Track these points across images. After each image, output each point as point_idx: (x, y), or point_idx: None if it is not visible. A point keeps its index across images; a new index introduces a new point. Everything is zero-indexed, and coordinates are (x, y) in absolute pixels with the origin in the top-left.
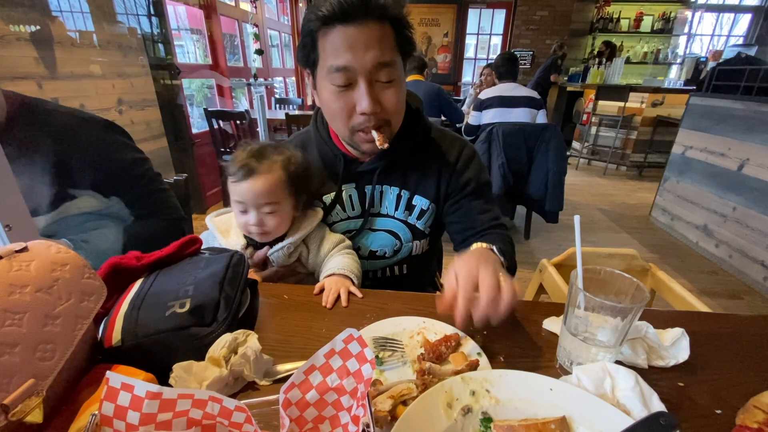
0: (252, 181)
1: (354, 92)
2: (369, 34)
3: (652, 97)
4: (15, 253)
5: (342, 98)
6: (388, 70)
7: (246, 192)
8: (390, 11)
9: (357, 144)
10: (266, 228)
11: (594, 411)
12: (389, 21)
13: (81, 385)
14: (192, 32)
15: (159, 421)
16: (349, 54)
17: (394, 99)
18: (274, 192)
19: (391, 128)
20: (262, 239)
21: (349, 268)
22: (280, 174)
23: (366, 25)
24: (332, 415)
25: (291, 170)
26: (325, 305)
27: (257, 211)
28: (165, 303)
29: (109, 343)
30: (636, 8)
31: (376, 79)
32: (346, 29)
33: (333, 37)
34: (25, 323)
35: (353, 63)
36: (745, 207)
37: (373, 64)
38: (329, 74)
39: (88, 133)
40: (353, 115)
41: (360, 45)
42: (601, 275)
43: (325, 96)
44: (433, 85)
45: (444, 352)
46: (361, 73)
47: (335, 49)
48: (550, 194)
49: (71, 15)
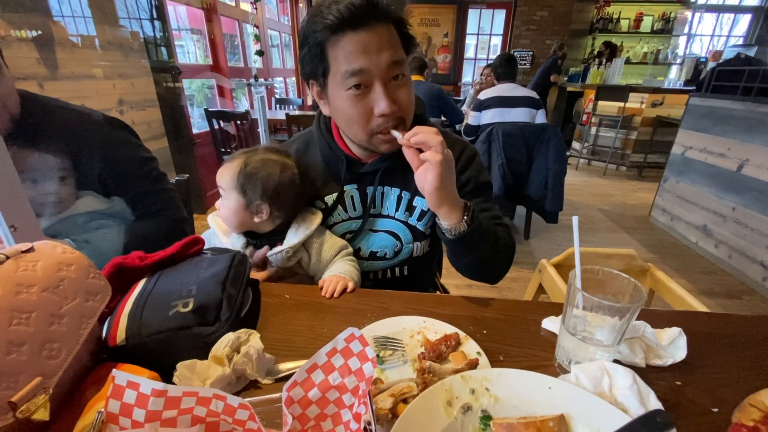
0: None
1: (370, 96)
2: (379, 37)
3: (651, 98)
4: (21, 253)
5: (359, 103)
6: (399, 68)
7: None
8: (394, 13)
9: (376, 146)
10: (219, 213)
11: (592, 409)
12: (392, 21)
13: (86, 383)
14: (192, 32)
15: (164, 419)
16: (364, 57)
17: (407, 96)
18: (222, 178)
19: (405, 125)
20: (225, 225)
21: (350, 275)
22: (235, 168)
23: (374, 28)
24: (334, 413)
25: (246, 170)
26: (324, 295)
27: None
28: (168, 302)
29: (113, 341)
30: (636, 8)
31: (390, 78)
32: (356, 34)
33: (345, 44)
34: (31, 322)
35: (369, 66)
36: (745, 207)
37: (387, 64)
38: (344, 80)
39: (98, 131)
40: (371, 118)
41: (373, 48)
42: (599, 275)
43: (341, 103)
44: (433, 86)
45: (444, 351)
46: (377, 75)
47: (348, 55)
48: (550, 194)
49: (73, 19)
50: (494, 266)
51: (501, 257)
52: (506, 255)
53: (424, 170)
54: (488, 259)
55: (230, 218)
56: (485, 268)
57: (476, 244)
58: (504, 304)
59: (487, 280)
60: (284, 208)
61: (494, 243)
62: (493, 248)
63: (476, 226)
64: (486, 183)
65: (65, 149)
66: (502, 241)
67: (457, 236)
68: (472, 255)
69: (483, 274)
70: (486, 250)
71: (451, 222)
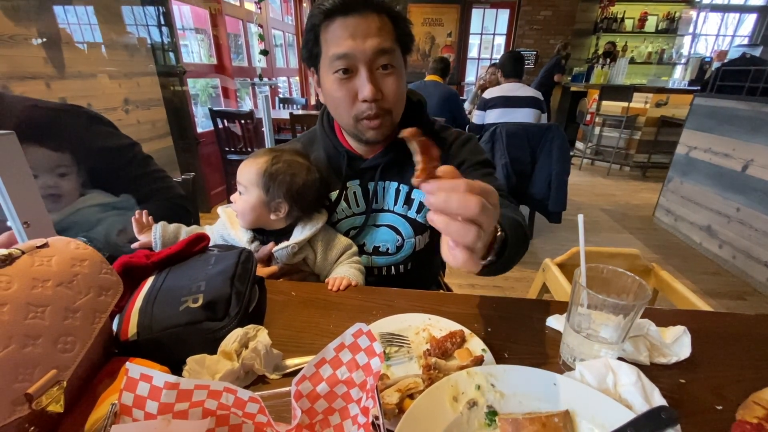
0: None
1: (355, 80)
2: (368, 23)
3: (656, 98)
4: (36, 248)
5: (344, 87)
6: (387, 57)
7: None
8: (386, 4)
9: (361, 132)
10: (235, 206)
11: (596, 405)
12: (386, 13)
13: (99, 377)
14: (197, 32)
15: (176, 411)
16: (350, 41)
17: (394, 87)
18: (245, 174)
19: (392, 118)
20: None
21: (355, 278)
22: (261, 165)
23: (365, 15)
24: (342, 407)
25: (273, 168)
26: (330, 289)
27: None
28: (178, 298)
29: (125, 336)
30: (640, 8)
31: (377, 66)
32: (346, 19)
33: (334, 28)
34: (47, 316)
35: (354, 50)
36: (749, 208)
37: (373, 51)
38: (331, 63)
39: (72, 126)
40: (355, 103)
41: (360, 33)
42: (604, 273)
43: (328, 86)
44: (450, 89)
45: (449, 348)
46: (362, 60)
47: (337, 38)
48: (554, 194)
49: (81, 18)
50: (507, 262)
51: (515, 255)
52: (521, 250)
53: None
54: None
55: (246, 213)
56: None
57: (502, 267)
58: (508, 302)
59: (499, 273)
60: (302, 209)
61: (517, 250)
62: (515, 254)
63: (501, 253)
64: (483, 162)
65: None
66: (521, 231)
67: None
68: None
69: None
70: (512, 260)
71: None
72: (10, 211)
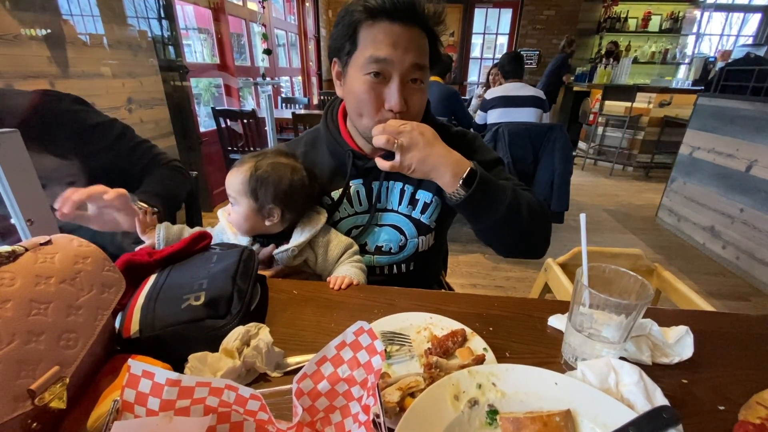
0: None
1: (386, 87)
2: (411, 36)
3: (659, 98)
4: (40, 245)
5: (374, 91)
6: (420, 72)
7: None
8: (430, 23)
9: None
10: (230, 219)
11: (598, 405)
12: (427, 32)
13: (101, 373)
14: (200, 32)
15: (178, 408)
16: (391, 49)
17: (419, 102)
18: (232, 185)
19: None
20: (236, 229)
21: (357, 277)
22: (245, 173)
23: (410, 27)
24: (343, 405)
25: (257, 174)
26: (332, 287)
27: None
28: (180, 296)
29: (127, 333)
30: (644, 8)
31: (408, 79)
32: (392, 25)
33: (377, 30)
34: (50, 313)
35: (393, 58)
36: (753, 208)
37: (411, 64)
38: (367, 64)
39: (51, 110)
40: (381, 110)
41: (402, 43)
42: (606, 273)
43: (357, 86)
44: (450, 88)
45: (451, 347)
46: (398, 70)
47: (378, 42)
48: (556, 194)
49: (82, 18)
50: (521, 230)
51: (527, 220)
52: (535, 216)
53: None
54: (511, 221)
55: (241, 224)
56: (515, 234)
57: (486, 206)
58: (510, 301)
59: (528, 252)
60: (295, 210)
61: (510, 202)
62: (510, 208)
63: (478, 187)
64: (493, 161)
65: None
66: (525, 199)
67: (460, 201)
68: (487, 218)
69: (517, 242)
70: (501, 211)
71: (449, 189)
72: (14, 208)
